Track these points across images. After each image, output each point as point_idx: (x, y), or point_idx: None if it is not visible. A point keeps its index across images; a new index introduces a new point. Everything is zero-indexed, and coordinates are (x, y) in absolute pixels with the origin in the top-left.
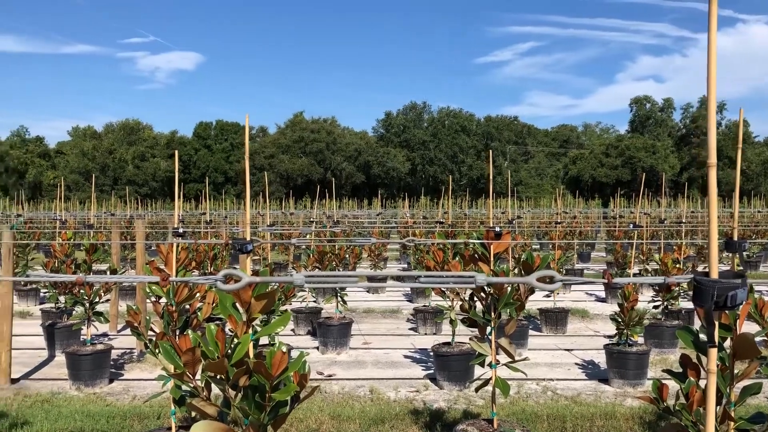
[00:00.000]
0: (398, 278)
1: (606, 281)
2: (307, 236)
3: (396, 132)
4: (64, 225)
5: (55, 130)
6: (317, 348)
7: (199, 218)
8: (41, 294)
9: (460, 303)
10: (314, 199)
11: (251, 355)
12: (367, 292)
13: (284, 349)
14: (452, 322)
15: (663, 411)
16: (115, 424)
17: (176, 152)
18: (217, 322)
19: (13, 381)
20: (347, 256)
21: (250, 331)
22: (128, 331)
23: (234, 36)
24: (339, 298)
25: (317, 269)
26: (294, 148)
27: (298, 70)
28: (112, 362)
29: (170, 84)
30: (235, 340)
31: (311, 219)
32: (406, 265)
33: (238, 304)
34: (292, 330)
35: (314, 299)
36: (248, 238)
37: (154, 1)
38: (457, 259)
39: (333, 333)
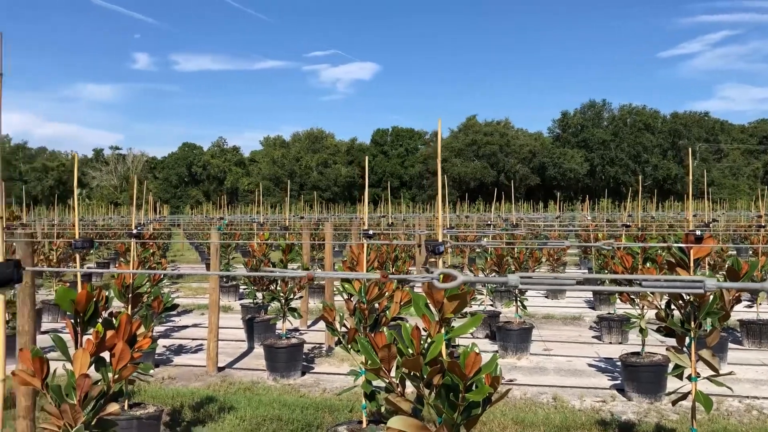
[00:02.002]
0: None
1: None
2: (483, 240)
3: (573, 132)
4: (261, 227)
5: (249, 140)
6: (496, 352)
7: (378, 221)
8: (240, 290)
9: (654, 311)
10: (487, 202)
11: (444, 354)
12: (546, 297)
13: (476, 350)
14: (642, 330)
15: None
16: (308, 414)
17: (366, 158)
18: (399, 321)
19: (220, 369)
20: (527, 260)
21: (443, 330)
22: (317, 326)
23: (408, 44)
24: (519, 303)
25: (495, 273)
26: (467, 152)
27: (471, 74)
28: (303, 356)
29: (349, 94)
30: (429, 339)
31: (488, 222)
32: (586, 270)
33: (430, 304)
34: (471, 333)
35: (491, 303)
36: (440, 240)
37: (334, 16)
38: (648, 264)
39: (513, 337)
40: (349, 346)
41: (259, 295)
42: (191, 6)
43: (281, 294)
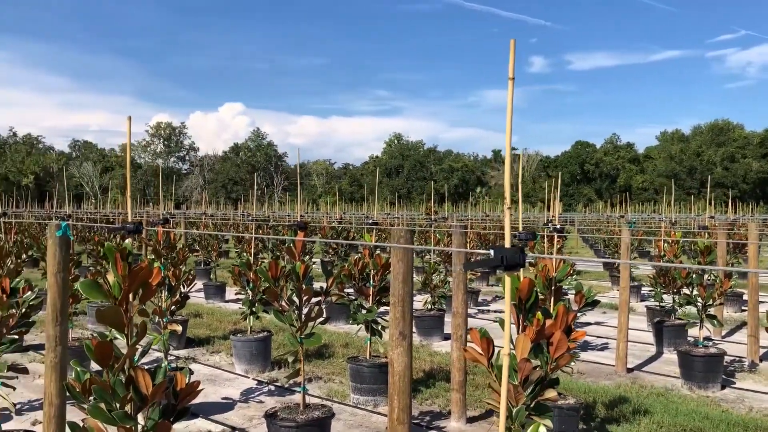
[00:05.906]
0: None
1: None
2: None
3: None
4: (672, 225)
5: (644, 135)
6: None
7: None
8: (642, 291)
9: None
10: None
11: None
12: None
13: None
14: None
15: None
16: None
17: None
18: None
19: (628, 370)
20: None
21: None
22: (733, 337)
23: None
24: None
25: None
26: None
27: None
28: (722, 368)
29: (763, 78)
30: None
31: None
32: None
33: None
34: None
35: None
36: None
37: None
38: None
39: None
40: None
41: (667, 297)
42: (584, 4)
43: (698, 299)
